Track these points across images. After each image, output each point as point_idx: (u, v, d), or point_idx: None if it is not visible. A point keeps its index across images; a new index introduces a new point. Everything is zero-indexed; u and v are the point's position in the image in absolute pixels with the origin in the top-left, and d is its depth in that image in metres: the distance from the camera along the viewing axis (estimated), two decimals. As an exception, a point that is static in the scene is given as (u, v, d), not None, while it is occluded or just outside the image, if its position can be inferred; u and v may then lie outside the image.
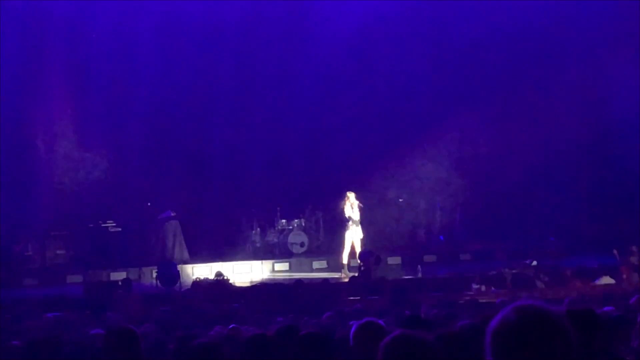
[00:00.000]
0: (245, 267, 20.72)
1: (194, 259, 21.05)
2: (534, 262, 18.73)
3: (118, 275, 19.00)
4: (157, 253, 20.88)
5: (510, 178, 23.29)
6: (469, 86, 23.78)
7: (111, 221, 21.29)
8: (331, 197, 21.72)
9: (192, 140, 23.49)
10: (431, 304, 13.11)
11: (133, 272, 19.63)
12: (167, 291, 17.67)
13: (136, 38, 22.98)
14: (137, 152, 22.74)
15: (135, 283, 18.10)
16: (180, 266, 19.20)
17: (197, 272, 19.55)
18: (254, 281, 19.16)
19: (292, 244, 21.93)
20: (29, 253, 20.73)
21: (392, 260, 21.14)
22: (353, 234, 19.63)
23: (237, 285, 18.09)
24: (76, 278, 19.55)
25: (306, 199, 22.75)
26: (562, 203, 22.50)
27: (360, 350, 5.20)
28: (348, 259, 19.76)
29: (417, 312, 10.51)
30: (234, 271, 20.02)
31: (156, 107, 23.18)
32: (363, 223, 19.92)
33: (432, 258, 21.87)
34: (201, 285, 17.68)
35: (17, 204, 21.25)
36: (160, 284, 18.05)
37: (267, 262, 21.23)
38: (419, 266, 19.35)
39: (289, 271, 20.91)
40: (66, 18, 22.59)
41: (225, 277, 18.17)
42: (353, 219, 19.60)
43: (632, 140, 21.87)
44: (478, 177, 23.75)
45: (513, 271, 17.77)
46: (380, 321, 5.54)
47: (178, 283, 18.13)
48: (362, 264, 19.00)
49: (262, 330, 8.13)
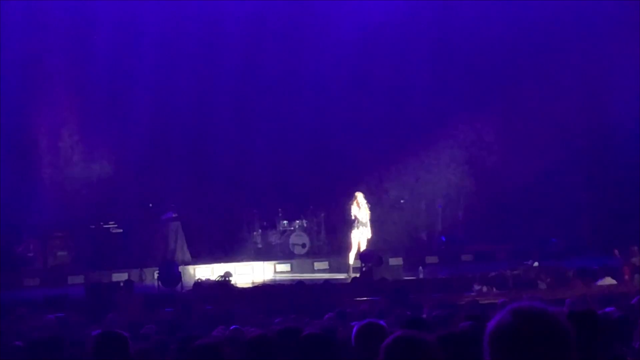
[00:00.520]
0: (246, 268, 20.71)
1: (196, 260, 21.06)
2: (536, 263, 18.72)
3: (120, 276, 18.99)
4: (158, 254, 20.88)
5: (511, 179, 23.27)
6: (471, 90, 23.75)
7: (113, 222, 21.30)
8: (333, 198, 21.75)
9: (194, 141, 23.47)
10: (432, 305, 13.12)
11: (134, 273, 19.63)
12: (169, 292, 17.67)
13: (139, 39, 22.97)
14: (139, 153, 22.72)
15: (136, 284, 18.12)
16: (181, 267, 19.22)
17: (199, 273, 19.55)
18: (256, 282, 19.17)
19: (294, 245, 21.93)
20: (31, 254, 20.74)
21: (394, 261, 21.13)
22: (359, 235, 19.64)
23: (239, 286, 18.10)
24: (78, 279, 19.56)
25: (308, 200, 22.74)
26: (564, 204, 22.50)
27: (361, 351, 5.21)
28: (354, 260, 19.75)
29: (419, 313, 10.53)
30: (236, 272, 20.00)
31: (158, 109, 23.18)
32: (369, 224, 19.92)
33: (434, 259, 21.86)
34: (203, 286, 17.69)
35: (19, 205, 21.27)
36: (161, 285, 18.06)
37: (269, 263, 21.22)
38: (421, 267, 19.36)
39: (291, 272, 20.90)
40: (68, 19, 22.60)
41: (230, 278, 18.18)
42: (359, 220, 19.61)
43: (634, 141, 21.85)
44: (480, 178, 23.73)
45: (514, 272, 17.77)
46: (381, 322, 5.55)
47: (179, 284, 18.13)
48: (364, 265, 19.01)
49: (264, 331, 8.12)
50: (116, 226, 21.26)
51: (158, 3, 23.09)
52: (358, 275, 18.78)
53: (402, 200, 23.89)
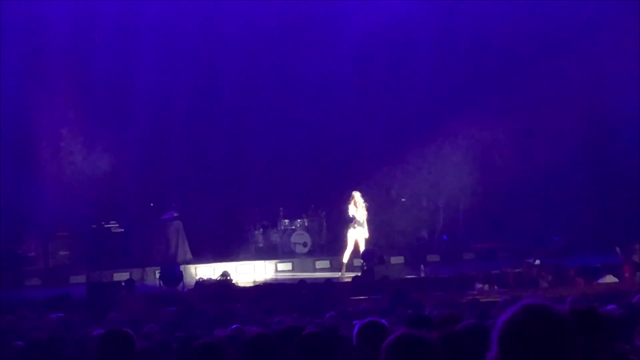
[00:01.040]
0: (248, 267, 20.72)
1: (197, 259, 21.05)
2: (537, 261, 18.70)
3: (121, 275, 19.01)
4: (158, 254, 20.85)
5: (513, 178, 23.25)
6: (473, 89, 23.75)
7: (114, 222, 21.30)
8: (334, 197, 21.72)
9: (195, 140, 23.49)
10: (434, 304, 13.11)
11: (136, 273, 19.64)
12: (170, 291, 17.67)
13: (139, 37, 22.98)
14: (140, 153, 22.73)
15: (138, 284, 18.13)
16: (183, 266, 19.22)
17: (200, 273, 19.55)
18: (257, 281, 19.17)
19: (295, 244, 21.94)
20: (32, 254, 20.74)
21: (395, 259, 21.13)
22: (357, 234, 19.58)
23: (240, 285, 18.10)
24: (79, 279, 19.58)
25: (309, 199, 22.74)
26: (565, 202, 22.49)
27: (363, 349, 5.20)
28: (349, 259, 19.71)
29: (420, 312, 10.51)
30: (237, 271, 20.01)
31: (159, 108, 23.17)
32: (369, 223, 19.88)
33: (435, 257, 21.86)
34: (204, 285, 17.68)
35: (20, 205, 21.28)
36: (163, 285, 18.06)
37: (270, 262, 21.22)
38: (422, 266, 19.35)
39: (292, 271, 20.90)
40: (68, 17, 22.60)
41: (229, 278, 18.17)
42: (357, 219, 19.56)
43: (635, 138, 21.83)
44: (481, 177, 23.71)
45: (516, 270, 17.77)
46: (383, 321, 5.54)
47: (181, 283, 18.13)
48: (365, 264, 18.99)
49: (265, 330, 8.12)
50: (117, 226, 21.25)
51: (158, 2, 23.10)
52: (355, 274, 18.77)
53: (404, 199, 23.88)
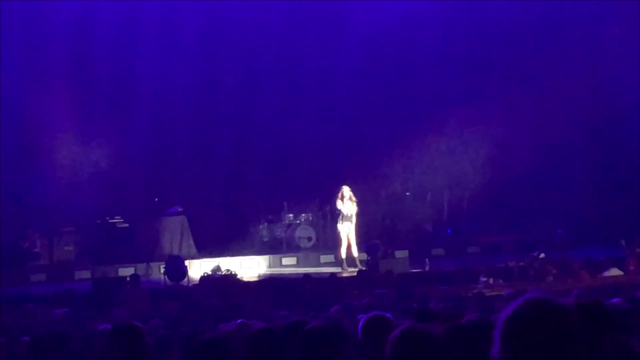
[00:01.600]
0: (252, 262, 20.73)
1: (202, 254, 21.06)
2: (542, 255, 18.69)
3: (126, 271, 19.01)
4: (157, 249, 20.80)
5: (517, 171, 23.23)
6: (476, 82, 23.73)
7: (119, 217, 21.31)
8: (339, 191, 21.69)
9: (199, 135, 23.49)
10: (439, 297, 13.10)
11: (141, 268, 19.65)
12: (175, 286, 17.69)
13: (141, 31, 22.99)
14: (144, 148, 22.74)
15: (143, 279, 18.14)
16: (187, 261, 19.23)
17: (205, 267, 19.56)
18: (262, 276, 19.17)
19: (300, 239, 21.93)
20: (37, 249, 20.78)
21: (400, 253, 21.11)
22: (346, 229, 19.53)
23: (245, 280, 18.11)
24: (84, 274, 19.61)
25: (314, 193, 22.73)
26: (570, 195, 22.46)
27: (368, 343, 5.20)
28: (346, 254, 19.63)
29: (425, 306, 10.50)
30: (242, 266, 20.03)
31: (163, 103, 23.20)
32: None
33: (440, 251, 21.85)
34: (209, 280, 17.70)
35: (25, 201, 21.31)
36: (168, 280, 18.08)
37: (275, 257, 21.23)
38: (427, 259, 19.33)
39: (297, 266, 20.89)
40: (71, 12, 22.61)
41: (224, 272, 18.19)
42: (344, 214, 19.45)
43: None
44: (485, 170, 23.69)
45: (520, 264, 17.75)
46: (388, 315, 5.54)
47: (186, 278, 18.15)
48: (369, 257, 18.97)
49: (270, 324, 8.12)
50: (122, 221, 21.27)
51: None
52: (355, 268, 18.74)
53: (408, 193, 23.87)
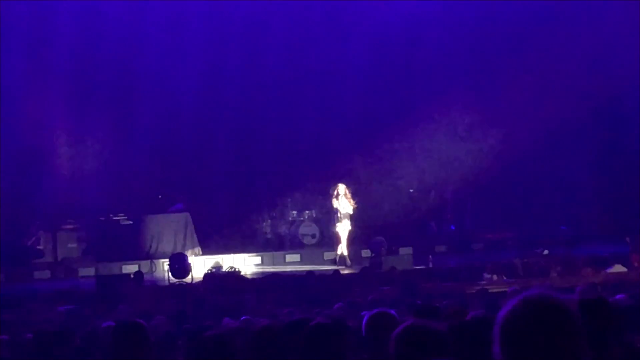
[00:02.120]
0: (256, 259, 20.73)
1: (205, 251, 21.06)
2: (546, 251, 18.69)
3: (130, 268, 19.03)
4: (148, 248, 20.75)
5: (521, 167, 23.22)
6: (480, 80, 23.70)
7: (122, 214, 21.32)
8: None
9: (203, 132, 23.49)
10: (443, 294, 13.10)
11: (145, 265, 19.67)
12: (179, 284, 17.70)
13: (145, 30, 22.99)
14: (148, 145, 22.74)
15: (146, 276, 18.17)
16: (191, 258, 19.23)
17: (209, 265, 19.56)
18: (265, 272, 19.17)
19: (303, 235, 21.92)
20: (41, 247, 20.79)
21: (403, 250, 21.09)
22: (341, 227, 19.49)
23: (249, 277, 18.12)
24: (88, 271, 19.61)
25: (317, 190, 22.71)
26: (573, 192, 22.43)
27: (372, 340, 5.20)
28: (347, 251, 19.60)
29: (429, 303, 10.49)
30: (246, 263, 20.03)
31: (166, 100, 23.20)
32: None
33: (443, 248, 21.83)
34: (212, 277, 17.70)
35: (29, 198, 21.33)
36: (171, 277, 18.09)
37: (278, 254, 21.22)
38: (430, 256, 19.32)
39: (300, 263, 20.88)
40: (75, 11, 22.62)
41: (227, 269, 18.20)
42: (340, 212, 19.43)
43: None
44: (489, 167, 23.67)
45: (524, 260, 17.73)
46: (392, 311, 5.53)
47: (189, 275, 18.15)
48: (373, 254, 18.95)
49: (274, 321, 8.12)
50: (126, 218, 21.27)
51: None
52: (342, 266, 18.74)
53: (412, 189, 23.86)
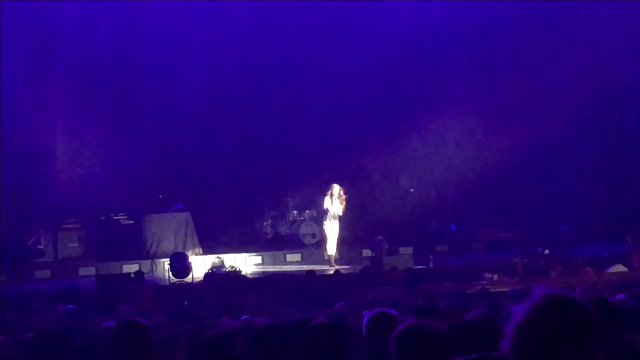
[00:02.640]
0: (256, 259, 20.73)
1: (206, 251, 21.06)
2: (546, 251, 18.67)
3: (130, 267, 19.04)
4: (148, 247, 20.74)
5: (521, 167, 23.22)
6: (481, 79, 23.69)
7: (123, 214, 21.32)
8: (342, 188, 21.69)
9: (203, 131, 23.48)
10: (443, 294, 13.10)
11: (145, 265, 19.67)
12: (179, 283, 17.70)
13: (146, 30, 23.00)
14: (148, 145, 22.73)
15: (147, 275, 18.17)
16: (192, 258, 19.23)
17: (209, 264, 19.57)
18: (266, 272, 19.17)
19: (304, 235, 21.92)
20: (41, 246, 20.80)
21: (404, 250, 21.10)
22: (329, 227, 19.46)
23: (249, 276, 18.12)
24: (88, 270, 19.62)
25: (318, 190, 22.71)
26: (574, 191, 22.42)
27: (372, 340, 5.20)
28: (334, 251, 19.59)
29: (429, 302, 10.50)
30: (246, 262, 20.03)
31: (167, 100, 23.20)
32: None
33: (444, 248, 21.83)
34: (213, 276, 17.71)
35: (29, 197, 21.34)
36: (172, 276, 18.09)
37: (279, 253, 21.23)
38: (431, 256, 19.32)
39: (301, 262, 20.89)
40: (76, 11, 22.63)
41: (228, 269, 18.19)
42: (330, 212, 19.44)
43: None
44: (490, 167, 23.68)
45: (525, 260, 17.72)
46: (392, 311, 5.54)
47: (190, 275, 18.16)
48: (374, 254, 18.95)
49: (274, 321, 8.12)
50: (126, 217, 21.28)
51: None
52: (339, 267, 18.74)
53: (412, 189, 23.86)
